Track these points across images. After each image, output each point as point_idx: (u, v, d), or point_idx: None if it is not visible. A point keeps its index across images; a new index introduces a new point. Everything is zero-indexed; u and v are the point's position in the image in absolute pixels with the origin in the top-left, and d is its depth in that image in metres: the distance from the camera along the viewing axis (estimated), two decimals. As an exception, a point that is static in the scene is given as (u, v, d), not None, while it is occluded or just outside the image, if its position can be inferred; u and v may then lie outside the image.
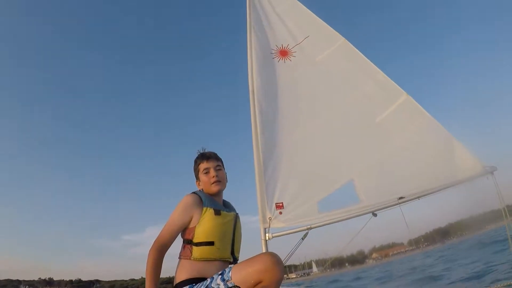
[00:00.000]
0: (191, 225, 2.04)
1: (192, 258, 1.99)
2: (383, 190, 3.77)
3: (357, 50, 4.45)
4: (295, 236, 3.82)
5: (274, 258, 1.76)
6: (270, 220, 3.88)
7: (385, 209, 3.72)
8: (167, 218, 2.09)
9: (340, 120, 4.22)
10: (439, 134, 3.88)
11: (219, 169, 2.31)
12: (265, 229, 3.86)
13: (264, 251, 3.79)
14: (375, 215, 3.75)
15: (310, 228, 3.82)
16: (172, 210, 2.09)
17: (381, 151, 4.00)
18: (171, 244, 2.04)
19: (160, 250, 1.96)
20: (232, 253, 2.18)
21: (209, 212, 2.05)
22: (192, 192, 2.18)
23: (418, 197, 3.64)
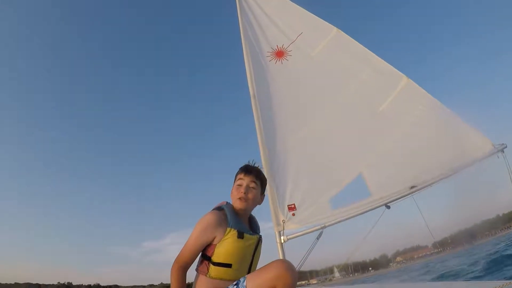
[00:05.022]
0: (213, 243, 2.02)
1: (208, 276, 2.00)
2: (394, 181, 3.71)
3: (351, 38, 4.43)
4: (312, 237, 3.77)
5: (286, 264, 1.78)
6: (283, 222, 3.85)
7: (398, 200, 3.65)
8: (188, 224, 2.01)
9: (343, 114, 4.19)
10: (444, 116, 3.80)
11: (253, 188, 2.22)
12: (279, 232, 3.83)
13: (280, 254, 3.77)
14: (388, 207, 3.68)
15: (324, 227, 3.76)
16: (195, 217, 2.03)
17: (387, 140, 3.93)
18: (192, 262, 2.04)
19: (182, 269, 1.98)
20: (249, 273, 2.14)
21: (231, 234, 2.01)
22: (218, 208, 2.14)
23: (430, 184, 3.57)
